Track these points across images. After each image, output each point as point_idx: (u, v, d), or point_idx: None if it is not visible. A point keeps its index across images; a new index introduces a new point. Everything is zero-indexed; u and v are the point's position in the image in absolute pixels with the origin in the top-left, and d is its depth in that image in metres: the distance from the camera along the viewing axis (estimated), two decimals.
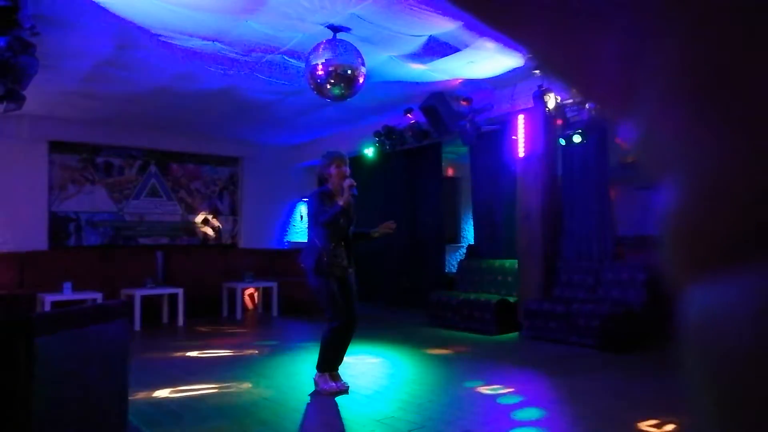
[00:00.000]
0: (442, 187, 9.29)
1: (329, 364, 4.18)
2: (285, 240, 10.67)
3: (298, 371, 4.85)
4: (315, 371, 4.22)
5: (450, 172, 10.74)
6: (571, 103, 6.17)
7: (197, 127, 8.93)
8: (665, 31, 0.18)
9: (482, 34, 4.95)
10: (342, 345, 4.21)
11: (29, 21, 3.97)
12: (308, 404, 3.91)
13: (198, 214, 9.85)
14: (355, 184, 4.11)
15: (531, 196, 6.81)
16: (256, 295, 9.17)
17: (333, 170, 4.22)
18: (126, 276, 8.13)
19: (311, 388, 4.20)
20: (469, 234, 10.65)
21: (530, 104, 6.21)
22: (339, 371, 4.26)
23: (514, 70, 6.07)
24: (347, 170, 4.24)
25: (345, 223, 4.19)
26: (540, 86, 5.93)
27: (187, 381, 4.56)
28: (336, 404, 3.89)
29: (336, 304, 4.10)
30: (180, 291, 7.75)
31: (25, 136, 8.12)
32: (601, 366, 5.05)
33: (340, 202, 4.05)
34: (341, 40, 4.81)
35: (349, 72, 4.73)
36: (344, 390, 4.13)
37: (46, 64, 5.24)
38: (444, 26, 4.85)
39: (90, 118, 8.23)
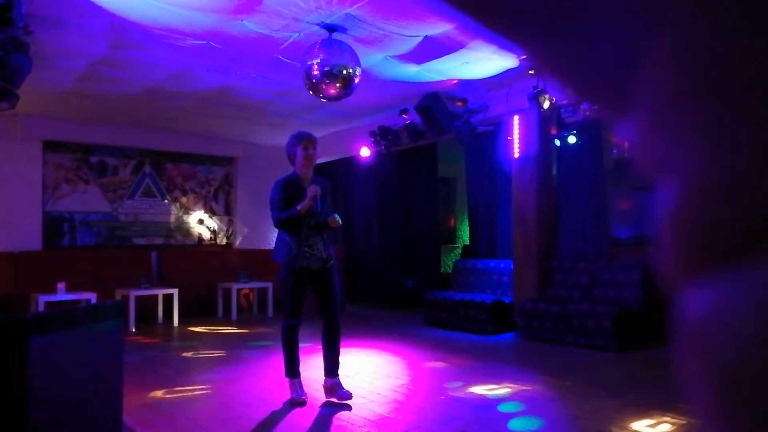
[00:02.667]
0: (438, 187, 9.30)
1: (294, 367, 3.91)
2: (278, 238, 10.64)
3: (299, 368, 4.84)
4: (312, 375, 4.12)
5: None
6: (566, 103, 6.18)
7: (192, 127, 8.91)
8: (663, 31, 0.18)
9: (477, 34, 4.96)
10: (328, 346, 3.93)
11: (23, 20, 3.96)
12: (303, 405, 3.90)
13: (193, 214, 9.82)
14: (319, 193, 3.78)
15: (526, 196, 6.83)
16: (251, 295, 9.15)
17: (299, 151, 3.87)
18: (120, 276, 8.10)
19: (306, 388, 4.19)
20: (464, 234, 10.67)
21: (525, 105, 6.22)
22: (339, 377, 3.97)
23: (509, 71, 6.08)
24: (314, 153, 3.90)
25: (313, 215, 3.84)
26: (535, 87, 5.94)
27: (182, 381, 4.54)
28: (331, 404, 3.88)
29: (294, 301, 3.81)
30: (175, 291, 7.73)
31: (18, 136, 8.08)
32: (597, 366, 5.07)
33: (298, 207, 3.75)
34: (336, 41, 4.81)
35: (345, 72, 4.73)
36: (346, 399, 3.83)
37: (40, 63, 5.22)
38: (439, 27, 4.85)
39: (84, 117, 8.20)
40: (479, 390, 4.24)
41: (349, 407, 3.80)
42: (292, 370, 3.93)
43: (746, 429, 0.16)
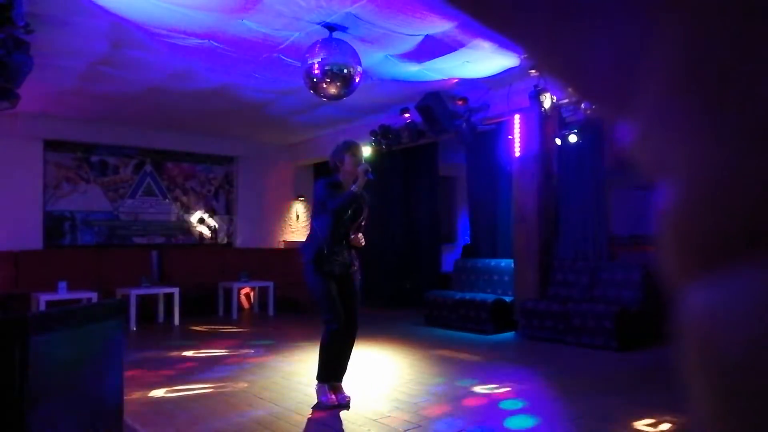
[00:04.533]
0: (438, 186, 9.30)
1: (328, 372, 3.86)
2: (280, 239, 10.66)
3: (294, 371, 4.84)
4: (313, 374, 4.05)
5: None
6: (567, 102, 6.18)
7: (193, 126, 8.91)
8: (664, 31, 0.18)
9: (478, 33, 4.96)
10: (342, 352, 3.90)
11: (23, 19, 3.96)
12: (304, 404, 3.90)
13: (193, 214, 9.83)
14: (370, 168, 3.74)
15: (527, 195, 6.83)
16: (251, 294, 9.16)
17: (347, 158, 3.85)
18: (121, 275, 8.10)
19: (307, 387, 4.19)
20: (465, 233, 10.67)
21: (526, 104, 6.22)
22: (342, 382, 3.96)
23: (510, 70, 6.07)
24: (361, 160, 3.89)
25: (352, 220, 3.85)
26: (536, 86, 5.93)
27: (183, 381, 4.55)
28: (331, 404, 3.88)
29: (334, 304, 3.77)
30: (175, 290, 7.73)
31: (19, 135, 8.09)
32: (597, 365, 5.07)
33: (354, 188, 3.73)
34: (337, 39, 4.81)
35: (345, 71, 4.73)
36: (344, 404, 3.83)
37: (41, 63, 5.22)
38: (440, 26, 4.85)
39: (85, 116, 8.20)
40: (480, 389, 4.24)
41: (348, 407, 3.80)
42: (327, 374, 3.88)
43: (746, 428, 0.16)
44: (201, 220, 9.90)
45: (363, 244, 3.89)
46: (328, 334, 3.82)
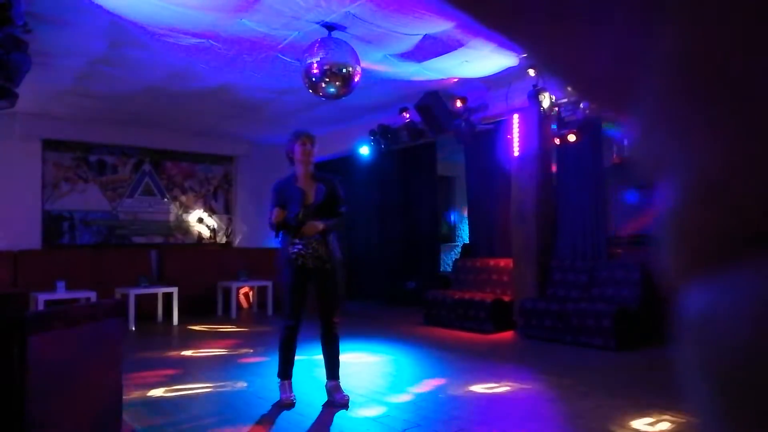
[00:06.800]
0: (437, 185, 9.30)
1: (281, 369, 3.86)
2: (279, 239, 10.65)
3: (293, 370, 4.84)
4: (311, 374, 4.09)
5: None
6: (566, 102, 6.18)
7: (192, 126, 8.90)
8: (664, 30, 0.18)
9: (477, 33, 4.96)
10: (290, 348, 3.83)
11: (22, 18, 3.95)
12: (303, 403, 3.90)
13: (192, 213, 9.82)
14: (281, 219, 3.80)
15: (526, 195, 6.83)
16: (250, 293, 9.15)
17: (297, 148, 3.91)
18: (120, 275, 8.10)
19: (306, 387, 4.19)
20: (464, 233, 10.67)
21: (525, 103, 6.22)
22: (339, 381, 3.89)
23: (509, 70, 6.08)
24: (312, 148, 3.92)
25: (308, 213, 3.84)
26: (535, 85, 5.94)
27: (182, 380, 4.54)
28: (331, 404, 3.87)
29: (292, 301, 3.75)
30: (174, 290, 7.73)
31: (17, 135, 8.07)
32: (596, 364, 5.07)
33: (272, 218, 3.86)
34: (336, 39, 4.81)
35: (344, 70, 4.72)
36: (342, 403, 3.74)
37: (39, 62, 5.21)
38: (439, 25, 4.85)
39: (83, 116, 8.19)
40: (479, 388, 4.24)
41: (347, 407, 3.80)
42: (284, 372, 3.88)
43: (745, 427, 0.16)
44: (200, 220, 9.90)
45: (312, 232, 3.80)
46: (282, 330, 3.83)
